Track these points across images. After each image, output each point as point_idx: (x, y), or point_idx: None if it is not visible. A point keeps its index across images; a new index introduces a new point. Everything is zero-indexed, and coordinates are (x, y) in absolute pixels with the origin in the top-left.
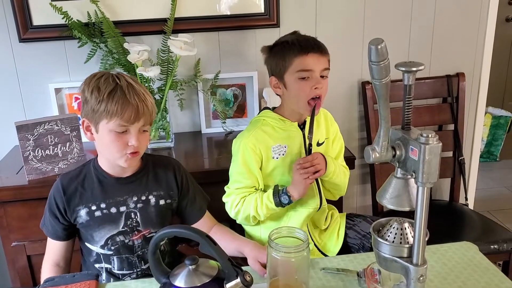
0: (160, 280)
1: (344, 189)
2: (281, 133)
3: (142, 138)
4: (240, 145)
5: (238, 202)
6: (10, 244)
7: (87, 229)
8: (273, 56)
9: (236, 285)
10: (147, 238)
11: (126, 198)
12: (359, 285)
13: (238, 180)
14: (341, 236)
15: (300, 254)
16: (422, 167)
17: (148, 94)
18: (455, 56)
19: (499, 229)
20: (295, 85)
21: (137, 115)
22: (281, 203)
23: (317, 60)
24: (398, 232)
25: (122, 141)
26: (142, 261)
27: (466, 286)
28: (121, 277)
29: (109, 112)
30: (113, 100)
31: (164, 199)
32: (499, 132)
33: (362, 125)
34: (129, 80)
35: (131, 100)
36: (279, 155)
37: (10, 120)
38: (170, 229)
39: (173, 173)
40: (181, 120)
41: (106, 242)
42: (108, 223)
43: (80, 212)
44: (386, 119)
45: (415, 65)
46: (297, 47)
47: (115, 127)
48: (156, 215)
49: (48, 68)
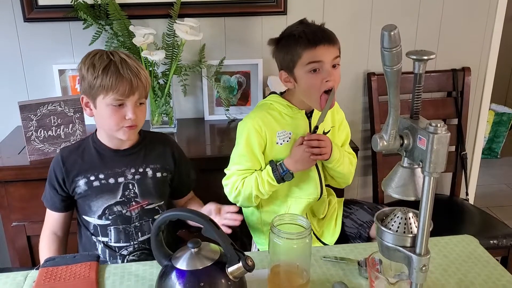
0: (162, 263)
1: (349, 178)
2: (288, 119)
3: (139, 111)
4: (245, 126)
5: (239, 184)
6: (10, 224)
7: (85, 200)
8: (281, 50)
9: (238, 269)
10: (144, 209)
11: (124, 170)
12: (360, 274)
13: (239, 162)
14: (338, 225)
15: (302, 241)
16: (429, 157)
17: (142, 68)
18: (462, 50)
19: (498, 225)
20: (306, 79)
21: (132, 89)
22: (283, 179)
23: (326, 51)
24: (402, 222)
25: (119, 114)
26: (139, 233)
27: (466, 278)
28: (118, 250)
29: (104, 87)
30: (107, 75)
31: (161, 172)
32: (501, 129)
33: (366, 117)
34: (123, 55)
35: (125, 75)
36: (283, 141)
37: (13, 100)
38: (173, 211)
39: (170, 148)
40: (184, 106)
41: (104, 212)
42: (106, 193)
43: (79, 182)
44: (396, 107)
45: (426, 53)
46: (305, 40)
47: (112, 101)
48: (154, 187)
49: (53, 49)
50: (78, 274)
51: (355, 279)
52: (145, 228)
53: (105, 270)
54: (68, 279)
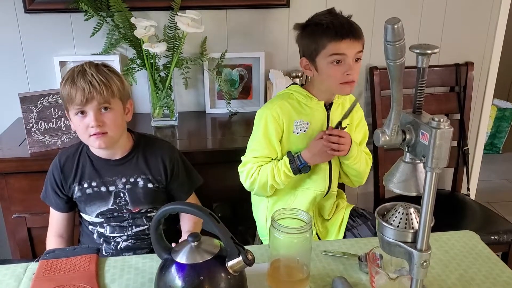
0: (162, 256)
1: (364, 177)
2: (306, 109)
3: (103, 117)
4: (263, 114)
5: (255, 171)
6: (10, 216)
7: (81, 203)
8: (306, 37)
9: (238, 263)
10: (135, 215)
11: (115, 179)
12: (360, 269)
13: (256, 149)
14: (342, 231)
15: (302, 236)
16: (432, 152)
17: (102, 74)
18: (465, 45)
19: (500, 220)
20: (327, 69)
21: (84, 97)
22: (300, 171)
23: (351, 45)
24: (403, 217)
25: (84, 124)
26: (133, 226)
27: (467, 274)
28: (112, 239)
29: (65, 100)
30: (64, 87)
31: (152, 183)
32: (504, 125)
33: (368, 111)
34: (86, 66)
35: (78, 84)
36: (301, 131)
37: (14, 91)
38: (173, 205)
39: (162, 160)
40: (185, 99)
41: (97, 216)
42: (98, 200)
43: (74, 188)
44: (398, 101)
45: (430, 47)
46: (332, 32)
47: (74, 112)
48: (144, 196)
49: (53, 40)
50: (78, 266)
51: (355, 274)
52: (138, 222)
53: (105, 263)
54: (68, 271)
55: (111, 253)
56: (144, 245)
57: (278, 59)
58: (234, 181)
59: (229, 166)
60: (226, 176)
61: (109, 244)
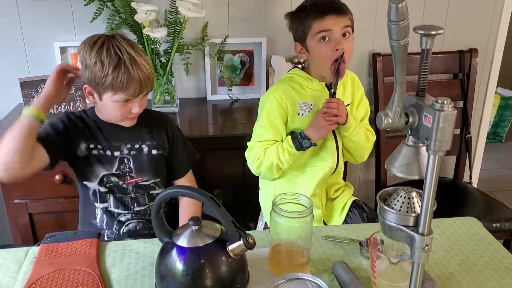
0: (163, 240)
1: (365, 152)
2: (309, 91)
3: (142, 102)
4: (267, 98)
5: (261, 154)
6: (12, 202)
7: (86, 163)
8: (294, 22)
9: (238, 247)
10: (139, 184)
11: (120, 145)
12: (361, 254)
13: (260, 133)
14: (344, 213)
15: (303, 220)
16: (435, 135)
17: (148, 62)
18: (470, 31)
19: (502, 208)
20: (316, 48)
21: (141, 88)
22: (302, 147)
23: (336, 21)
24: (405, 201)
25: (125, 109)
26: (135, 203)
27: (469, 260)
28: (117, 216)
29: (114, 87)
30: (118, 76)
31: (157, 149)
32: (507, 114)
33: (371, 98)
34: (130, 51)
35: (135, 76)
36: (305, 112)
37: (14, 77)
38: (174, 189)
39: (165, 128)
40: (186, 85)
41: (102, 179)
42: (104, 163)
43: (81, 145)
44: (401, 83)
45: (434, 28)
46: (314, 11)
47: (120, 99)
48: (149, 164)
49: (54, 26)
50: (78, 250)
51: (356, 259)
52: (140, 200)
53: (105, 247)
54: (69, 255)
55: (113, 239)
56: (145, 230)
57: (280, 45)
58: (235, 168)
59: (230, 153)
60: (227, 163)
61: (112, 228)
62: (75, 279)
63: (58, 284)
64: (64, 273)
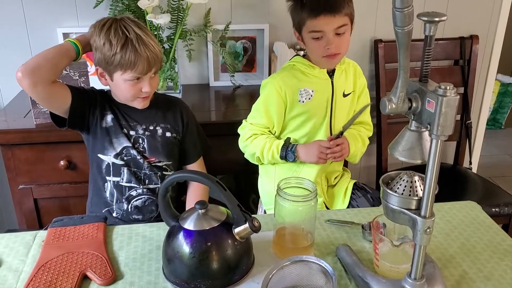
0: (170, 223)
1: (358, 158)
2: (311, 77)
3: (153, 82)
4: (267, 85)
5: (248, 137)
6: (17, 187)
7: (108, 134)
8: (292, 11)
9: (244, 230)
10: (152, 165)
11: (136, 125)
12: (363, 237)
13: (254, 116)
14: (347, 198)
15: (307, 204)
16: (437, 119)
17: (155, 42)
18: (471, 18)
19: (501, 193)
20: (309, 43)
21: (149, 66)
22: (286, 157)
23: (328, 21)
24: (407, 185)
25: (136, 88)
26: (147, 180)
27: (469, 243)
28: (127, 191)
29: (122, 66)
30: (125, 54)
31: (171, 132)
32: (506, 100)
33: (372, 84)
34: (137, 30)
35: (142, 53)
36: (306, 99)
37: (18, 63)
38: (180, 173)
39: (180, 112)
40: (189, 71)
41: (121, 152)
42: (122, 138)
43: (107, 116)
44: (405, 69)
45: (438, 15)
46: (308, 8)
47: (130, 78)
48: (162, 145)
49: (57, 12)
50: (86, 234)
51: (358, 242)
52: (153, 178)
53: (112, 231)
54: (76, 239)
55: (121, 215)
56: (153, 206)
57: (282, 31)
58: (238, 154)
59: (232, 139)
60: (230, 149)
61: (121, 202)
62: (84, 262)
63: (67, 267)
64: (73, 256)
